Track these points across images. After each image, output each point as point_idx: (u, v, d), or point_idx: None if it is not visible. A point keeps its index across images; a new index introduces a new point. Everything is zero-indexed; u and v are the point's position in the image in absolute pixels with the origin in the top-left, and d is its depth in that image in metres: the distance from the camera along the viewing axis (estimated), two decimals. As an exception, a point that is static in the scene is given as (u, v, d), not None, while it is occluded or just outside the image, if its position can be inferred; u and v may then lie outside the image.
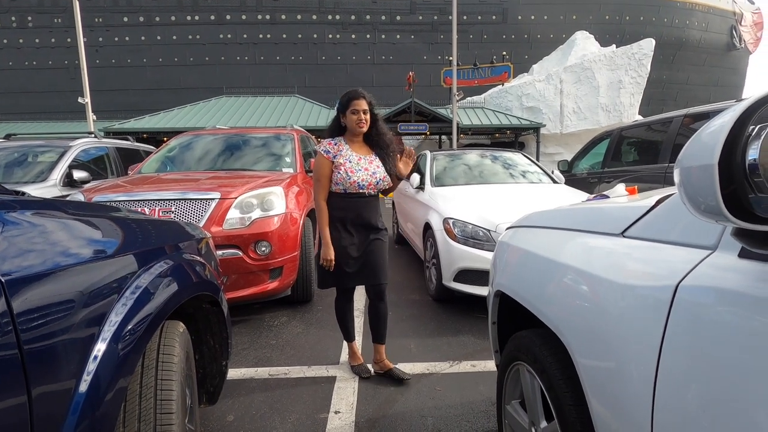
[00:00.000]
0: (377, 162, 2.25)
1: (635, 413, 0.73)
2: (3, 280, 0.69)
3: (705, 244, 0.70)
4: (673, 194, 0.87)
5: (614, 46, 20.19)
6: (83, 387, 0.80)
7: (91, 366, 0.83)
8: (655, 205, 0.89)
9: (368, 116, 2.20)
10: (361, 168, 2.20)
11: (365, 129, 2.21)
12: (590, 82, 19.01)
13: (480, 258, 3.11)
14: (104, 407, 0.84)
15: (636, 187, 1.74)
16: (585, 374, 0.89)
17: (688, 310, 0.66)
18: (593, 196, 1.91)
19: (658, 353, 0.69)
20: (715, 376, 0.60)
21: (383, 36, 28.26)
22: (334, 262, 2.18)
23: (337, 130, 2.28)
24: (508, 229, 1.64)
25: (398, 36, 28.28)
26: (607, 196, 1.50)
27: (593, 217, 1.12)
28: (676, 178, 0.59)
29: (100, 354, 0.85)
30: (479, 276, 3.13)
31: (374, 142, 2.27)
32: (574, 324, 0.95)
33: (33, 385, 0.70)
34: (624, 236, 0.92)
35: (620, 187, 1.66)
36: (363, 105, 2.17)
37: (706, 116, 4.21)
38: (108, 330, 0.89)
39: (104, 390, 0.84)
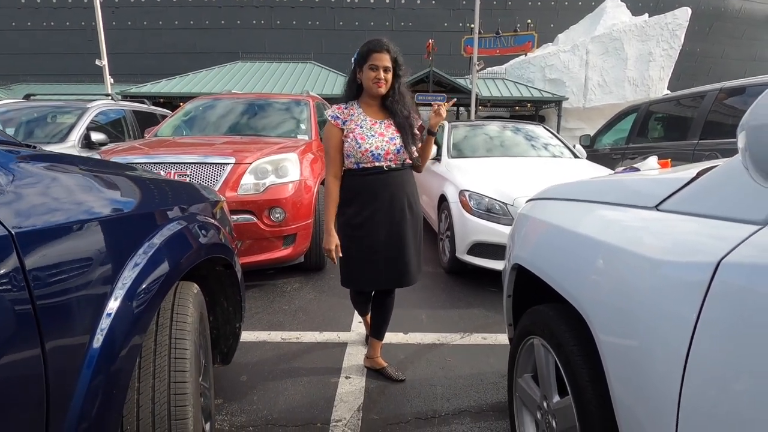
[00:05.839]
0: (396, 127, 1.85)
1: (660, 396, 0.70)
2: (13, 233, 0.67)
3: (753, 219, 0.65)
4: (716, 166, 0.80)
5: (647, 15, 19.06)
6: (97, 342, 0.80)
7: (105, 323, 0.83)
8: (696, 176, 0.82)
9: (389, 75, 1.79)
10: (375, 134, 1.80)
11: (383, 91, 1.80)
12: (618, 54, 18.09)
13: (495, 232, 3.06)
14: (118, 363, 0.85)
15: (669, 160, 1.65)
16: (607, 352, 0.85)
17: (730, 289, 0.61)
18: (622, 168, 1.81)
19: (690, 335, 0.65)
20: (754, 363, 0.56)
21: (403, 1, 27.22)
22: (334, 254, 1.84)
23: (354, 88, 1.88)
24: (528, 201, 1.59)
25: (418, 1, 27.20)
26: (637, 169, 1.42)
27: (623, 189, 1.06)
28: (741, 142, 0.53)
29: (113, 311, 0.85)
30: (493, 250, 3.09)
31: (391, 109, 1.85)
32: (597, 299, 0.91)
33: (46, 339, 0.70)
34: (659, 209, 0.86)
35: (652, 160, 1.58)
36: (385, 61, 1.76)
37: (743, 91, 3.97)
38: (121, 287, 0.88)
39: (118, 346, 0.85)
